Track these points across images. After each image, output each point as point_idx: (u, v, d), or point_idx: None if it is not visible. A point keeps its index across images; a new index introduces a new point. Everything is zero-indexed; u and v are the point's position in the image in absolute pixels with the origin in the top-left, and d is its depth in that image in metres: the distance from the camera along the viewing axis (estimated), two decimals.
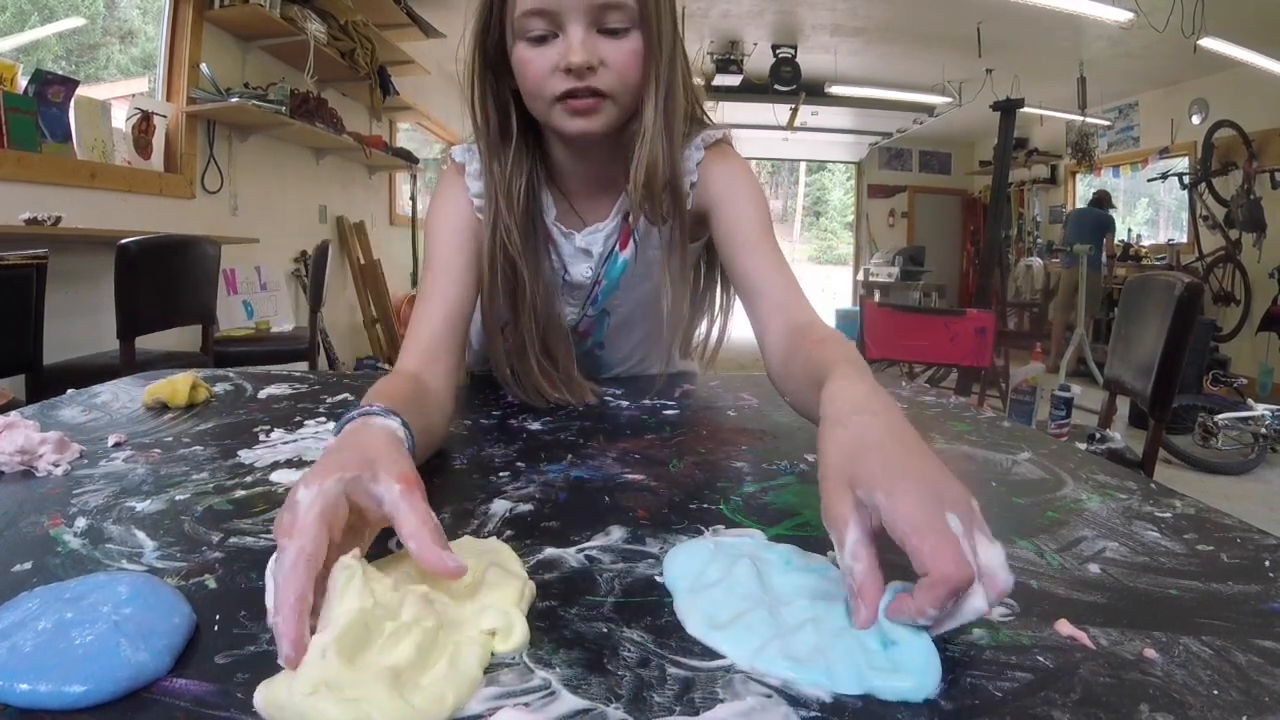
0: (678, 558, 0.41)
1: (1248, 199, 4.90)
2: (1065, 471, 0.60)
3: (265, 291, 3.36)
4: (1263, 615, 0.37)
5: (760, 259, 0.72)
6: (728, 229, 0.75)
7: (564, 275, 0.81)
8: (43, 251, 1.61)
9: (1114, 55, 5.02)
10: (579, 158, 0.76)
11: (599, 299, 0.84)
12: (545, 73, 0.66)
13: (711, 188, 0.76)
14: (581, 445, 0.65)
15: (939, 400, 0.88)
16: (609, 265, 0.81)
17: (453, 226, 0.76)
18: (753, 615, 0.35)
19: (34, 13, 2.65)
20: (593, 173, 0.78)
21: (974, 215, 8.23)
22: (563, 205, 0.80)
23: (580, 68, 0.64)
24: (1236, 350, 4.95)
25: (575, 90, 0.65)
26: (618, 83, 0.67)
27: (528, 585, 0.37)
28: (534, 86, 0.67)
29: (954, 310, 3.75)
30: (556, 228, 0.80)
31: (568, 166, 0.78)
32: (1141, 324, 1.55)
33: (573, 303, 0.84)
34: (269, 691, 0.28)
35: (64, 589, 0.34)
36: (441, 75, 4.64)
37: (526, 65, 0.66)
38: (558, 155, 0.77)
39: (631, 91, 0.68)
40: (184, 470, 0.57)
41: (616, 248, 0.80)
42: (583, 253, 0.81)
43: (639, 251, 0.81)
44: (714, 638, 0.34)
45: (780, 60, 5.47)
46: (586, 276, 0.82)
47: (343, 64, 3.53)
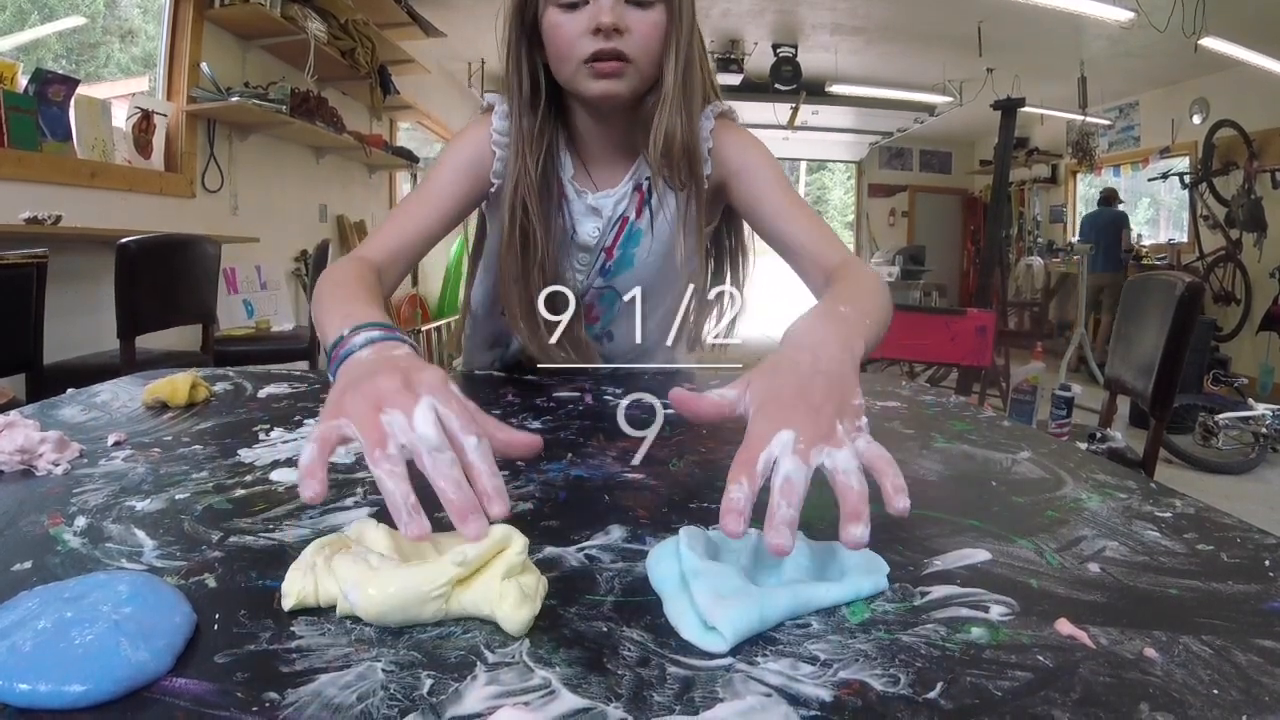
0: (659, 564, 0.41)
1: (1248, 199, 4.90)
2: (1065, 471, 0.60)
3: (265, 291, 3.35)
4: (1263, 615, 0.37)
5: (789, 221, 0.78)
6: (754, 197, 0.80)
7: (572, 235, 0.84)
8: (43, 251, 1.61)
9: (1115, 54, 5.02)
10: (599, 122, 0.80)
11: (610, 270, 0.86)
12: (575, 36, 0.70)
13: (728, 159, 0.81)
14: (581, 444, 0.65)
15: (939, 399, 0.88)
16: (624, 238, 0.84)
17: (466, 157, 0.81)
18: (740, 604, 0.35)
19: (34, 11, 2.65)
20: (611, 139, 0.82)
21: (974, 214, 8.23)
22: (579, 169, 0.84)
23: (608, 28, 0.69)
24: (1237, 350, 4.95)
25: (601, 52, 0.70)
26: (640, 50, 0.71)
27: (542, 581, 0.38)
28: (564, 49, 0.72)
29: (954, 309, 3.74)
30: (571, 185, 0.83)
31: (588, 132, 0.82)
32: (1142, 324, 1.55)
33: (580, 267, 0.86)
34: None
35: (64, 588, 0.34)
36: (442, 74, 4.64)
37: (557, 29, 0.71)
38: (579, 121, 0.81)
39: (653, 60, 0.73)
40: (184, 469, 0.57)
41: (632, 216, 0.84)
42: (592, 211, 0.84)
43: (654, 222, 0.84)
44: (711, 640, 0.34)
45: (781, 59, 5.47)
46: (593, 237, 0.84)
47: (343, 63, 3.53)
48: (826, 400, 0.42)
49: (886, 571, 0.40)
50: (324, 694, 0.29)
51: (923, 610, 0.37)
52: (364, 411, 0.39)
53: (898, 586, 0.39)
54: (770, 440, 0.39)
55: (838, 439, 0.40)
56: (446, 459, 0.37)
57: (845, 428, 0.41)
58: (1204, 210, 5.30)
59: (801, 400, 0.42)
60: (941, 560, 0.43)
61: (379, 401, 0.39)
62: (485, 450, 0.39)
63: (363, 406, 0.39)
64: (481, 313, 0.99)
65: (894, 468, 0.39)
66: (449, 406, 0.40)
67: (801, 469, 0.38)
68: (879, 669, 0.32)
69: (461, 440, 0.39)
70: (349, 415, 0.39)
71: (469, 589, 0.35)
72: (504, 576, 0.35)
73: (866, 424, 0.42)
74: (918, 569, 0.42)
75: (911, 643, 0.34)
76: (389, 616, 0.34)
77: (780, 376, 0.45)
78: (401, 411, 0.39)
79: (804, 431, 0.39)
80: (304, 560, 0.37)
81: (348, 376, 0.44)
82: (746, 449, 0.39)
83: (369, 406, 0.39)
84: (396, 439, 0.38)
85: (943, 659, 0.33)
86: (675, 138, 0.74)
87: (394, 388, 0.40)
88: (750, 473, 0.38)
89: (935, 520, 0.49)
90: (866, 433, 0.42)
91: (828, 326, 0.50)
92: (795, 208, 0.79)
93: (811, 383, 0.43)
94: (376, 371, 0.42)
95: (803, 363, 0.45)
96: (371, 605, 0.34)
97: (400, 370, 0.42)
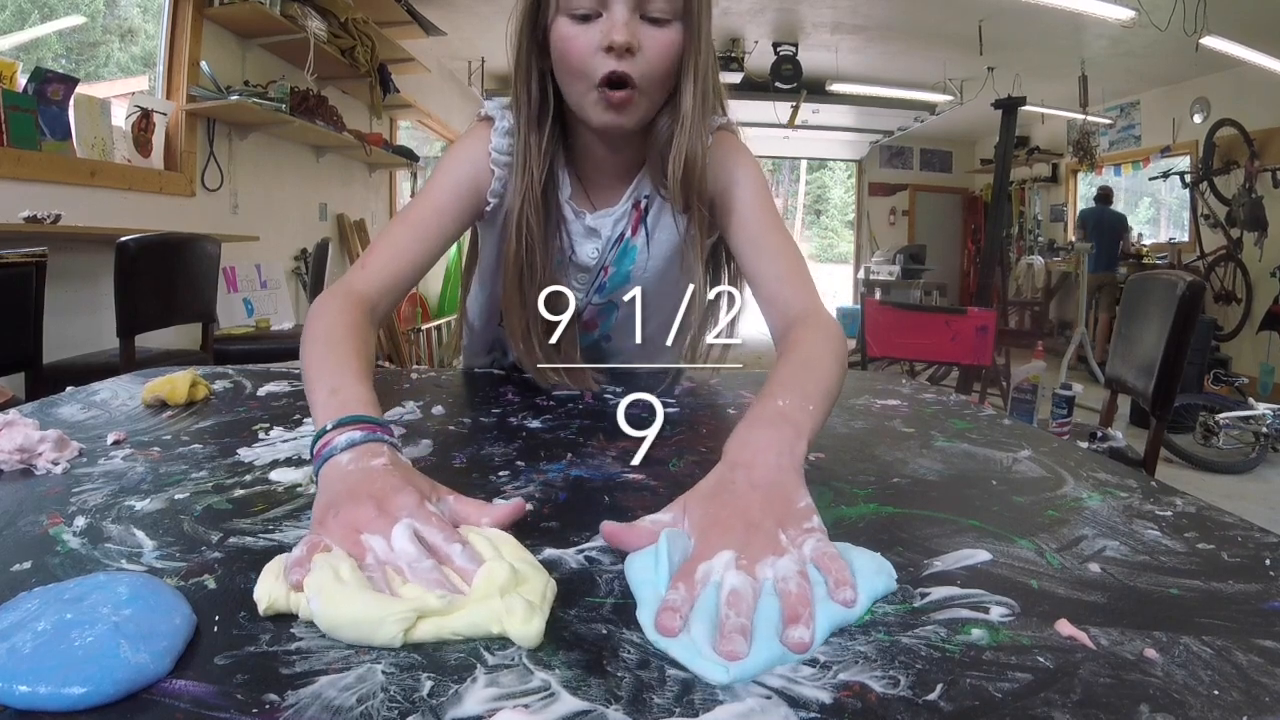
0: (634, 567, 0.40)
1: (1249, 198, 4.90)
2: (1065, 470, 0.60)
3: (265, 289, 3.35)
4: (1263, 615, 0.37)
5: (760, 254, 0.75)
6: (730, 221, 0.78)
7: (570, 255, 0.82)
8: (42, 250, 1.61)
9: (1115, 54, 5.02)
10: (604, 144, 0.78)
11: (606, 287, 0.85)
12: (587, 52, 0.67)
13: (717, 174, 0.78)
14: (581, 444, 0.65)
15: (940, 398, 0.88)
16: (619, 254, 0.83)
17: (464, 172, 0.78)
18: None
19: (34, 11, 2.65)
20: (613, 160, 0.79)
21: (975, 213, 8.22)
22: (577, 188, 0.81)
23: (621, 47, 0.65)
24: (1237, 349, 4.95)
25: (613, 76, 0.66)
26: (650, 73, 0.68)
27: (550, 584, 0.38)
28: (576, 64, 0.68)
29: (955, 308, 3.74)
30: (569, 205, 0.81)
31: (590, 151, 0.79)
32: (1143, 323, 1.55)
33: (578, 286, 0.85)
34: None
35: (63, 589, 0.34)
36: (442, 73, 4.64)
37: (569, 42, 0.67)
38: (582, 139, 0.78)
39: (660, 85, 0.70)
40: (183, 469, 0.56)
41: (628, 233, 0.82)
42: (590, 232, 0.82)
43: (650, 239, 0.82)
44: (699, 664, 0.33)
45: (781, 58, 5.46)
46: (592, 258, 0.83)
47: (343, 62, 3.52)
48: (765, 515, 0.42)
49: (891, 570, 0.40)
50: (324, 696, 0.29)
51: (923, 611, 0.37)
52: (344, 537, 0.40)
53: (898, 587, 0.39)
54: (712, 559, 0.39)
55: (780, 549, 0.40)
56: (426, 566, 0.38)
57: (790, 535, 0.41)
58: (1205, 209, 5.30)
59: (739, 520, 0.42)
60: (941, 561, 0.43)
61: (357, 528, 0.40)
62: (470, 554, 0.40)
63: (343, 533, 0.40)
64: (479, 324, 0.97)
65: (839, 563, 0.39)
66: (428, 524, 0.41)
67: (746, 581, 0.37)
68: (879, 671, 0.32)
69: (446, 551, 0.40)
70: (332, 539, 0.40)
71: (466, 613, 0.34)
72: (502, 594, 0.35)
73: (819, 521, 0.42)
74: (918, 570, 0.42)
75: (911, 644, 0.34)
76: (340, 632, 0.33)
77: (717, 500, 0.44)
78: (381, 536, 0.40)
79: (746, 550, 0.39)
80: (275, 565, 0.38)
81: (328, 491, 0.44)
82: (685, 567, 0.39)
83: (349, 533, 0.40)
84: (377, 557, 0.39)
85: (943, 660, 0.33)
86: (696, 163, 0.72)
87: (369, 516, 0.41)
88: (689, 581, 0.37)
89: (935, 520, 0.49)
90: (820, 532, 0.41)
91: (764, 434, 0.49)
92: (769, 239, 0.76)
93: (748, 500, 0.43)
94: (354, 497, 0.43)
95: (738, 481, 0.45)
96: (323, 621, 0.34)
97: (374, 498, 0.42)
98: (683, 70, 0.70)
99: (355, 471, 0.45)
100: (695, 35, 0.69)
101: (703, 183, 0.75)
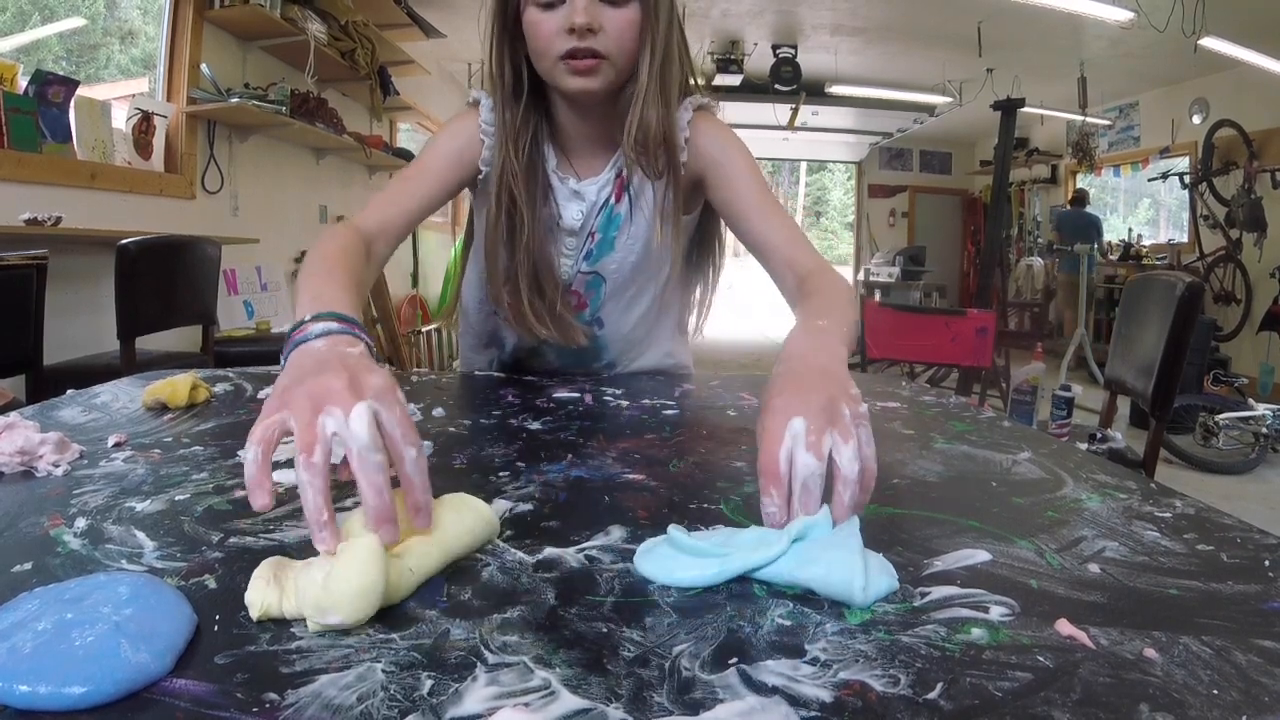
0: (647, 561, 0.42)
1: (1248, 198, 4.90)
2: (1065, 471, 0.60)
3: (266, 291, 3.35)
4: (1263, 615, 0.37)
5: (763, 221, 0.80)
6: (728, 195, 0.83)
7: (559, 220, 0.87)
8: (43, 252, 1.61)
9: (1114, 55, 5.02)
10: (579, 114, 0.83)
11: (593, 254, 0.89)
12: (551, 34, 0.73)
13: (704, 150, 0.83)
14: (581, 445, 0.65)
15: (939, 400, 0.88)
16: (604, 220, 0.87)
17: (456, 143, 0.84)
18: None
19: (34, 13, 2.65)
20: (591, 130, 0.84)
21: (974, 215, 8.23)
22: (562, 160, 0.87)
23: (582, 28, 0.71)
24: (1237, 350, 4.95)
25: (577, 50, 0.73)
26: (615, 46, 0.74)
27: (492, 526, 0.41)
28: (542, 46, 0.74)
29: (955, 310, 3.74)
30: (555, 174, 0.86)
31: (569, 123, 0.84)
32: (1142, 324, 1.55)
33: (567, 252, 0.89)
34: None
35: (64, 589, 0.34)
36: (442, 75, 4.64)
37: (536, 26, 0.74)
38: (561, 114, 0.84)
39: (628, 56, 0.76)
40: (184, 470, 0.57)
41: (612, 199, 0.86)
42: (575, 196, 0.87)
43: (633, 207, 0.86)
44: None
45: (780, 60, 5.47)
46: (577, 220, 0.87)
47: (343, 64, 3.52)
48: (826, 386, 0.47)
49: (892, 570, 0.40)
50: (324, 695, 0.29)
51: (923, 611, 0.37)
52: (304, 410, 0.39)
53: (899, 587, 0.39)
54: (783, 434, 0.44)
55: (844, 426, 0.44)
56: (374, 462, 0.37)
57: (850, 413, 0.45)
58: (1204, 210, 5.30)
59: (804, 389, 0.47)
60: (942, 561, 0.43)
61: (321, 401, 0.39)
62: (421, 465, 0.39)
63: (304, 404, 0.39)
64: (473, 305, 1.00)
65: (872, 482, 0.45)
66: (392, 413, 0.40)
67: (815, 469, 0.42)
68: (879, 669, 0.32)
69: (401, 450, 0.39)
70: (291, 410, 0.39)
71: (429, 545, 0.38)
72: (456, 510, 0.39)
73: (866, 410, 0.46)
74: (918, 569, 0.42)
75: (911, 643, 0.34)
76: (365, 611, 0.35)
77: (781, 379, 0.50)
78: (341, 410, 0.39)
79: (812, 419, 0.44)
80: (264, 570, 0.37)
81: (296, 368, 0.43)
82: (766, 450, 0.44)
83: (310, 406, 0.39)
84: (328, 438, 0.38)
85: (943, 659, 0.33)
86: (650, 128, 0.77)
87: (338, 387, 0.40)
88: (778, 483, 0.43)
89: (936, 521, 0.49)
90: (867, 423, 0.46)
91: (814, 340, 0.56)
92: (769, 208, 0.81)
93: (810, 376, 0.49)
94: (324, 368, 0.42)
95: (796, 365, 0.51)
96: (349, 614, 0.34)
97: (348, 370, 0.41)
98: (639, 45, 0.76)
99: (328, 350, 0.44)
100: (652, 13, 0.75)
101: (673, 152, 0.80)
